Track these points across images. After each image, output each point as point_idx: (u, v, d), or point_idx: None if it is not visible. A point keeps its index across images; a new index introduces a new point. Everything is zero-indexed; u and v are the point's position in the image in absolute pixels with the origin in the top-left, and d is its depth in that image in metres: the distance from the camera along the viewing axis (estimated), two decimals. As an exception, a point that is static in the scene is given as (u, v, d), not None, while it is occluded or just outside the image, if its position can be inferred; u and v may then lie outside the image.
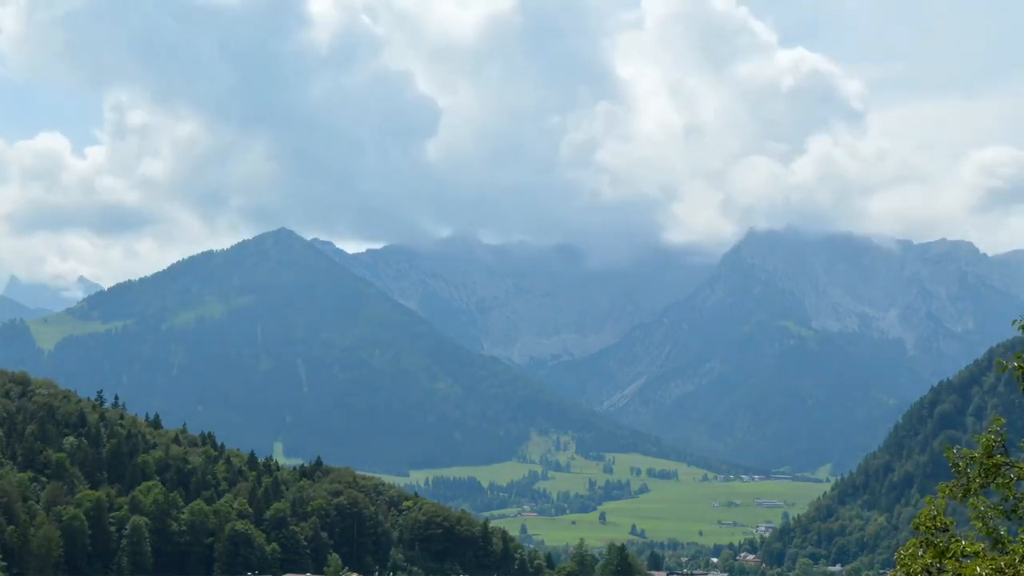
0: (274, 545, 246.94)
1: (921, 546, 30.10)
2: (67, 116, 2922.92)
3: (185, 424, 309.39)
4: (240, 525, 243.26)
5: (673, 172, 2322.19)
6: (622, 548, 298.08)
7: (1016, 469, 29.32)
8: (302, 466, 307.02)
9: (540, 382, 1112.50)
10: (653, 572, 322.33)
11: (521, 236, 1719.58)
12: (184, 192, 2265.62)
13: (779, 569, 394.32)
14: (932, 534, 30.06)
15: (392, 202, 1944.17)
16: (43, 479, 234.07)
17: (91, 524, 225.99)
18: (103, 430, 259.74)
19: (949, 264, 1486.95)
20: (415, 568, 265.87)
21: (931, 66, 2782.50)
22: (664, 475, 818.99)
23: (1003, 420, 30.40)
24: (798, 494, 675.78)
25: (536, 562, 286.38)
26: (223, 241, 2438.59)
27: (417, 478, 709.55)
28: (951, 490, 29.93)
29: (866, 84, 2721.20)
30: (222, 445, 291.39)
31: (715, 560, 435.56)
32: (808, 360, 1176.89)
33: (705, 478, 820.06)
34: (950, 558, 29.31)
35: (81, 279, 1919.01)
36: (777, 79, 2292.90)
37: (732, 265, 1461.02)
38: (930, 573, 29.62)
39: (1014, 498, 29.47)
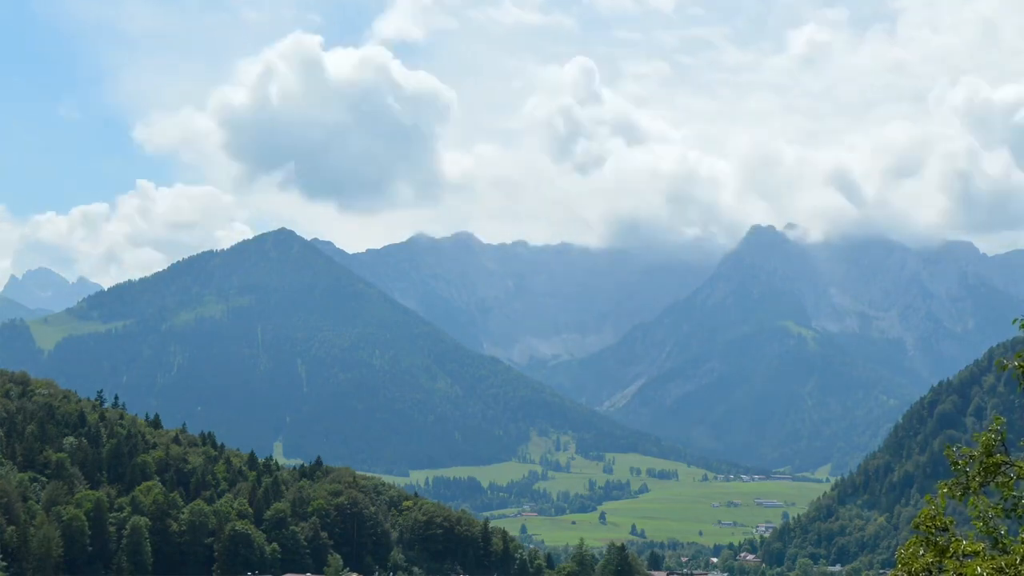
0: (274, 545, 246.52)
1: (922, 545, 30.10)
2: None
3: (185, 424, 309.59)
4: (240, 525, 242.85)
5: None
6: (622, 548, 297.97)
7: (1016, 468, 29.33)
8: (302, 466, 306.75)
9: (540, 382, 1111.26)
10: (653, 572, 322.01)
11: (521, 236, 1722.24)
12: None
13: (779, 569, 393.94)
14: (932, 533, 30.06)
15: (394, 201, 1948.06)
16: (43, 479, 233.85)
17: (91, 524, 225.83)
18: (103, 430, 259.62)
19: (949, 264, 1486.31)
20: (415, 568, 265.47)
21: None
22: (664, 475, 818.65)
23: (1003, 419, 30.41)
24: (798, 494, 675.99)
25: (536, 562, 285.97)
26: (223, 241, 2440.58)
27: (417, 478, 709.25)
28: (950, 488, 29.94)
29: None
30: (222, 445, 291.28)
31: (715, 560, 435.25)
32: (808, 360, 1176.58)
33: (705, 478, 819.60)
34: (951, 557, 29.30)
35: (81, 279, 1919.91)
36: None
37: (732, 265, 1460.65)
38: (931, 572, 29.61)
39: (1013, 497, 29.48)
